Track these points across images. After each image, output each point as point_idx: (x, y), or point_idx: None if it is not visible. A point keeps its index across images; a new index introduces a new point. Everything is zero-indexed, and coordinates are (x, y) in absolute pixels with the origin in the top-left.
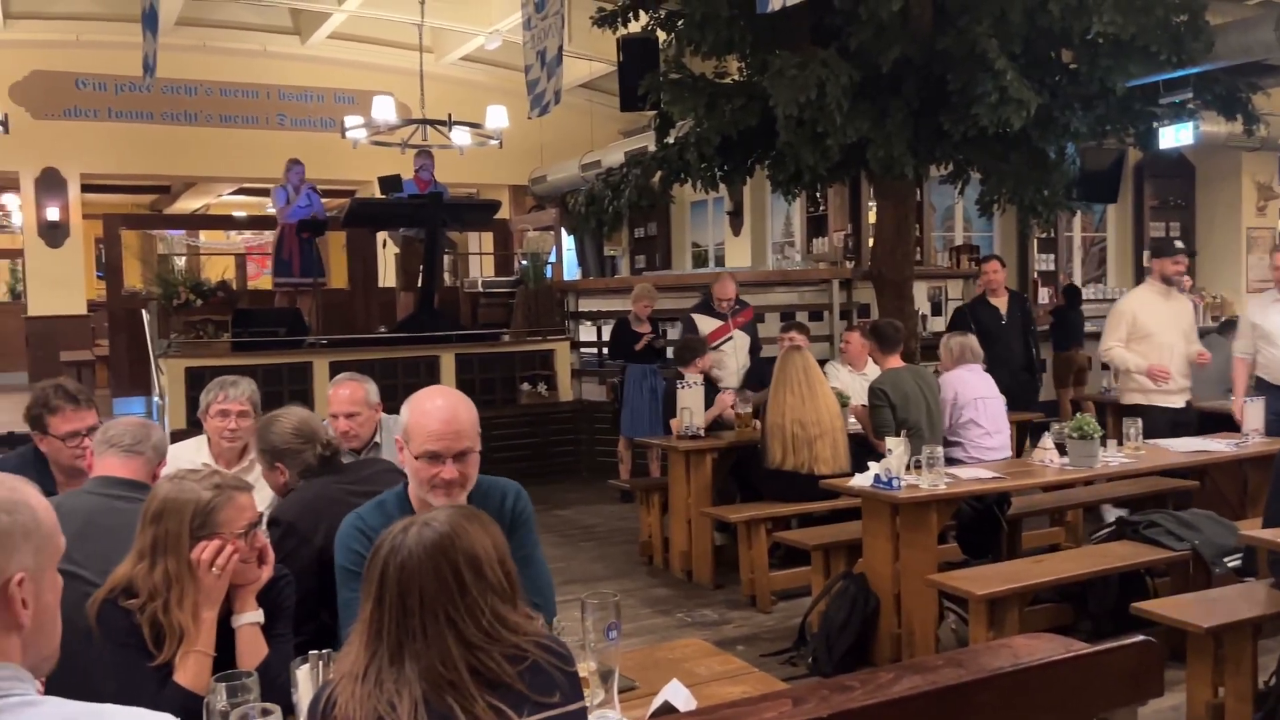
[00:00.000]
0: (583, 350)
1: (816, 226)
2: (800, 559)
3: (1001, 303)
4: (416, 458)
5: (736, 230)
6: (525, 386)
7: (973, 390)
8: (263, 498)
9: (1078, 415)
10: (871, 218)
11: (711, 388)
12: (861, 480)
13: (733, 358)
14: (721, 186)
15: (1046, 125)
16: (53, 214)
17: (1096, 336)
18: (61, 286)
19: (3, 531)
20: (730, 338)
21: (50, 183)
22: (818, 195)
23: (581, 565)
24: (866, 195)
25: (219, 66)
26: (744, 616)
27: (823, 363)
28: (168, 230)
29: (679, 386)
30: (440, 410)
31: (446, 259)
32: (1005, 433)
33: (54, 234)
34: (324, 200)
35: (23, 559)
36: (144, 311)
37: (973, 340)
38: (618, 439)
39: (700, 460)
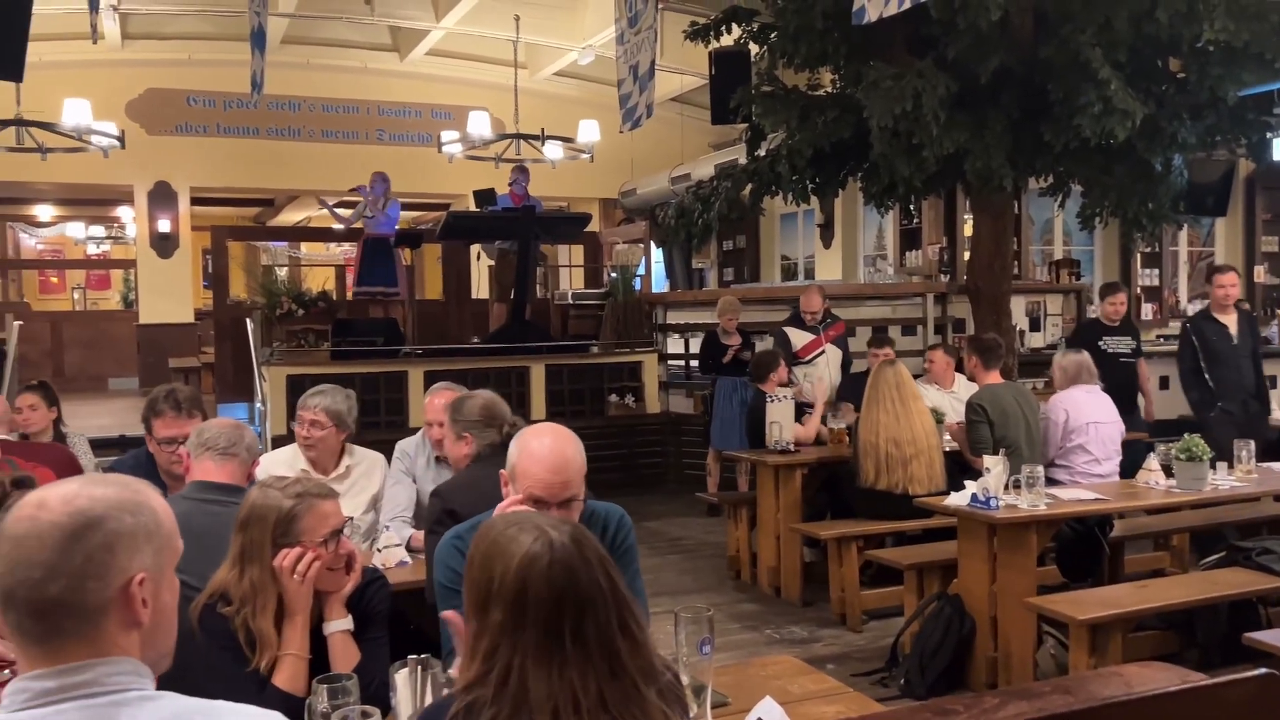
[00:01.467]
0: (670, 363)
1: (910, 239)
2: (892, 578)
3: (1231, 321)
4: (522, 500)
5: (827, 243)
6: (613, 398)
7: (1087, 414)
8: (356, 504)
9: (1186, 436)
10: (967, 230)
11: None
12: (958, 499)
13: (826, 372)
14: (813, 199)
15: (1153, 136)
16: (164, 226)
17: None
18: (171, 296)
19: (126, 532)
20: (822, 352)
21: (162, 196)
22: (911, 208)
23: (668, 578)
24: (962, 208)
25: (321, 83)
26: (834, 635)
27: (917, 378)
28: (271, 242)
29: (768, 401)
30: (549, 456)
31: (537, 271)
32: (1116, 460)
33: (164, 245)
34: (419, 213)
35: (144, 559)
36: (248, 320)
37: (1088, 359)
38: (706, 451)
39: (790, 475)
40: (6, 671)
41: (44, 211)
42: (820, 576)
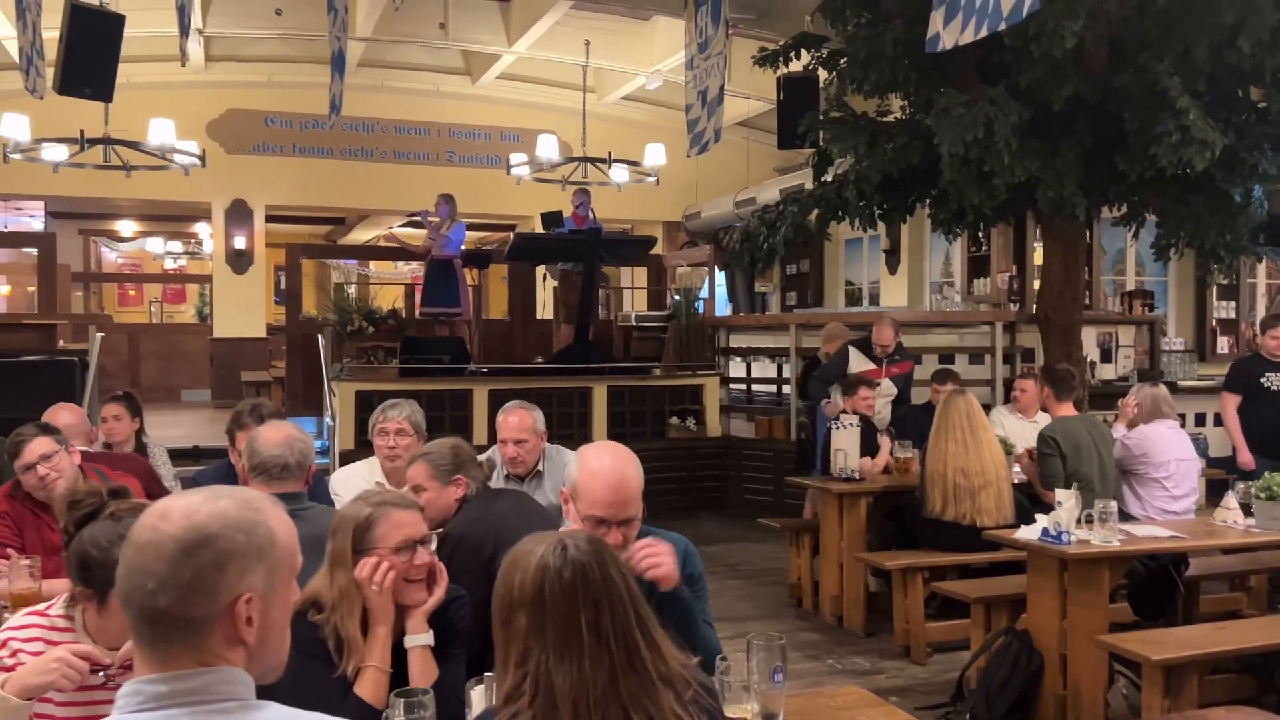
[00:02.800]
0: (732, 386)
1: (978, 267)
2: (958, 611)
3: None
4: (583, 520)
5: (893, 269)
6: (674, 420)
7: (1168, 450)
8: None
9: (1266, 474)
10: (1037, 259)
11: (870, 429)
12: (1028, 533)
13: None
14: (879, 224)
15: (1232, 166)
16: (239, 242)
17: None
18: (244, 310)
19: (238, 551)
20: (877, 384)
21: (238, 213)
22: (980, 235)
23: (728, 604)
24: (1032, 235)
25: (394, 105)
26: (897, 667)
27: (986, 409)
28: (342, 260)
29: (833, 427)
30: (610, 476)
31: (600, 293)
32: (1193, 498)
33: (240, 261)
34: (486, 234)
35: (253, 579)
36: (320, 336)
37: (1165, 392)
38: (767, 476)
39: (854, 503)
40: (101, 674)
41: (126, 227)
42: (884, 607)
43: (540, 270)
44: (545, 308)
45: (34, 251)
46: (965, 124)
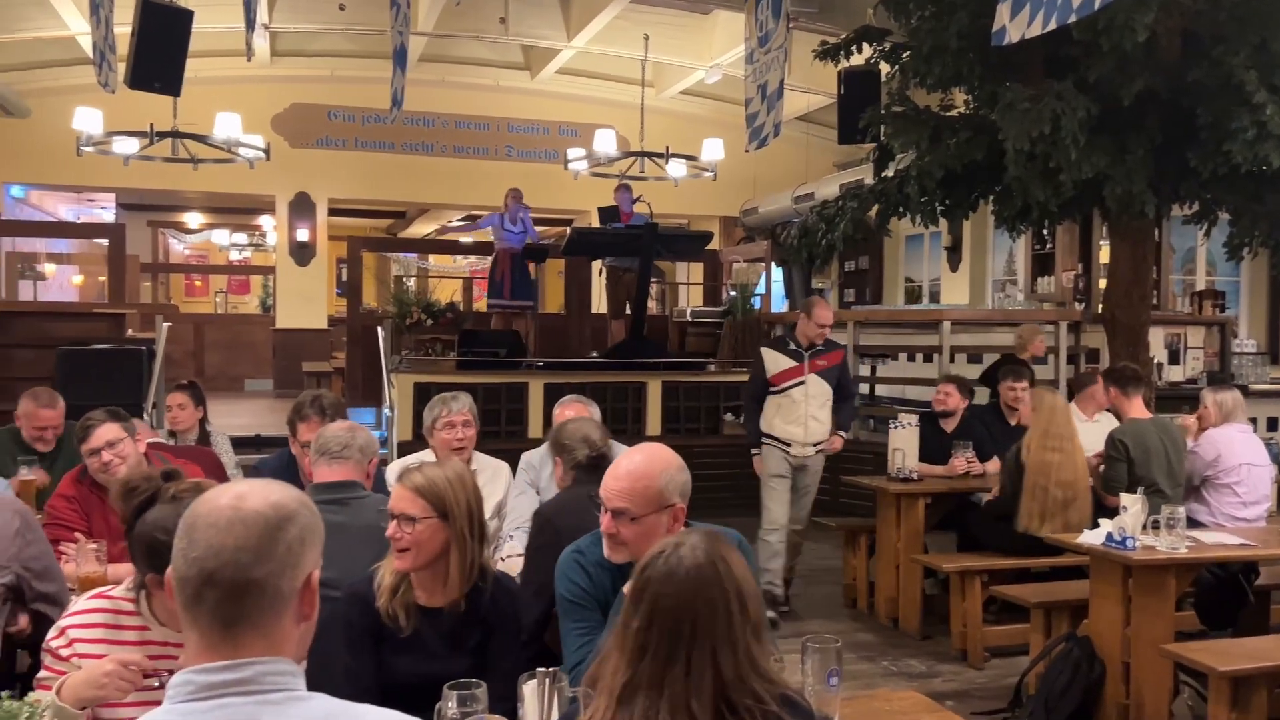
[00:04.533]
0: None
1: (1042, 265)
2: (1017, 615)
3: None
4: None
5: (954, 266)
6: (729, 417)
7: (1240, 454)
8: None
9: None
10: (1104, 257)
11: (934, 428)
12: (1092, 537)
13: (802, 406)
14: (941, 221)
15: None
16: (302, 235)
17: None
18: (306, 302)
19: (311, 529)
20: (801, 382)
21: (301, 206)
22: (1045, 232)
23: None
24: (1099, 233)
25: (455, 100)
26: (954, 671)
27: None
28: (402, 253)
29: (891, 426)
30: (623, 461)
31: (654, 288)
32: (1265, 505)
33: (302, 253)
34: (543, 228)
35: (317, 556)
36: (379, 328)
37: (1240, 394)
38: (823, 473)
39: (912, 504)
40: (155, 681)
41: (192, 219)
42: (940, 610)
43: (597, 265)
44: (601, 302)
45: (105, 242)
46: (1031, 119)
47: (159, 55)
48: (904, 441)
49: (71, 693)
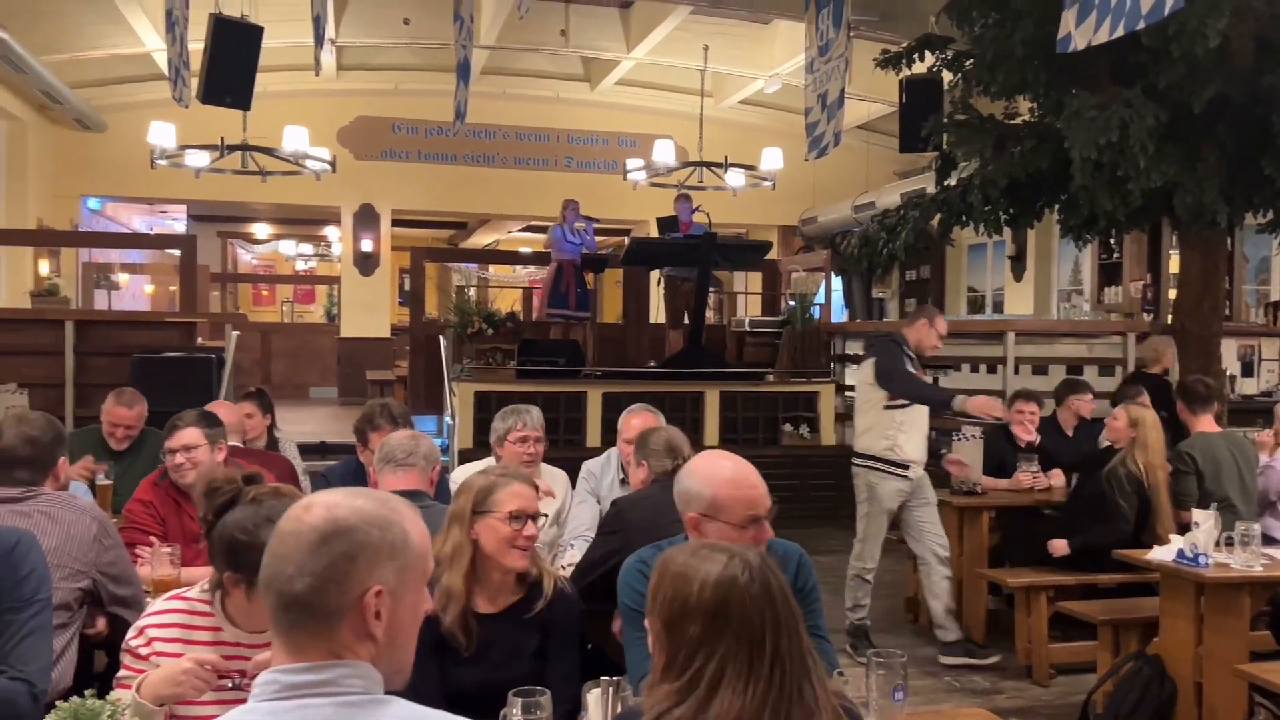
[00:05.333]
0: (848, 394)
1: (1109, 274)
2: (1083, 631)
3: None
4: (742, 526)
5: (1018, 276)
6: (787, 428)
7: None
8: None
9: None
10: (1173, 267)
11: (1006, 442)
12: (1162, 554)
13: (923, 419)
14: (1005, 230)
15: None
16: (366, 245)
17: None
18: (370, 311)
19: (371, 545)
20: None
21: (366, 217)
22: (1112, 242)
23: (842, 616)
24: (1168, 242)
25: (516, 112)
26: (1018, 688)
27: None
28: (463, 263)
29: (954, 439)
30: (745, 473)
31: (711, 297)
32: None
33: (366, 264)
34: (600, 239)
35: (384, 574)
36: (441, 337)
37: None
38: None
39: (975, 518)
40: (229, 682)
41: (260, 230)
42: (1004, 625)
43: (655, 275)
44: (658, 312)
45: (176, 252)
46: (1098, 127)
47: (230, 70)
48: (968, 454)
49: (150, 691)
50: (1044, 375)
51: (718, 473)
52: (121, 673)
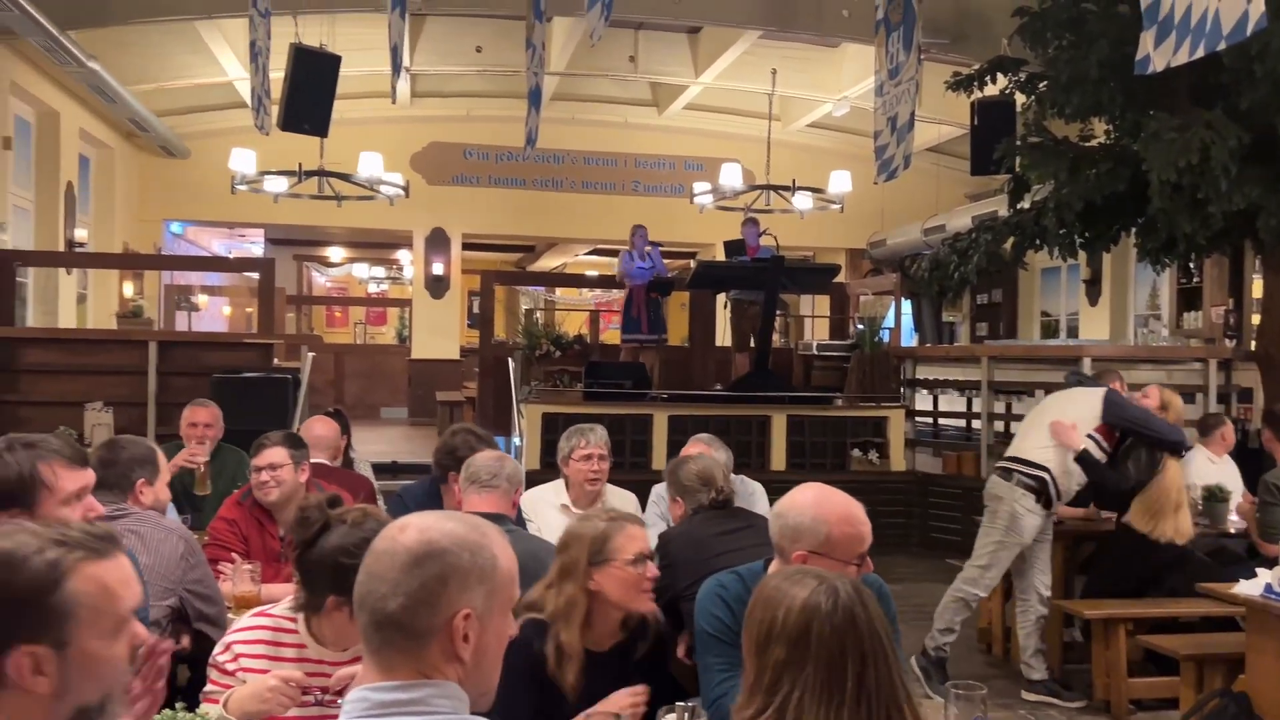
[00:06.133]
0: (918, 419)
1: (1189, 299)
2: (1165, 666)
3: None
4: (849, 564)
5: (1093, 300)
6: (856, 453)
7: None
8: None
9: None
10: (1257, 291)
11: None
12: (1249, 588)
13: None
14: (1080, 254)
15: None
16: (438, 269)
17: None
18: (440, 333)
19: (462, 569)
20: None
21: (437, 241)
22: (1192, 265)
23: (914, 647)
24: (1251, 266)
25: (584, 137)
26: None
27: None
28: (530, 286)
29: None
30: (855, 509)
31: (778, 320)
32: None
33: (437, 286)
34: (666, 261)
35: (473, 598)
36: (509, 359)
37: None
38: (956, 514)
39: (1054, 548)
40: (312, 697)
41: (335, 253)
42: (1081, 658)
43: (721, 298)
44: (725, 335)
45: (254, 275)
46: (1178, 149)
47: (309, 99)
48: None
49: (237, 706)
50: None
51: (831, 509)
52: (209, 687)
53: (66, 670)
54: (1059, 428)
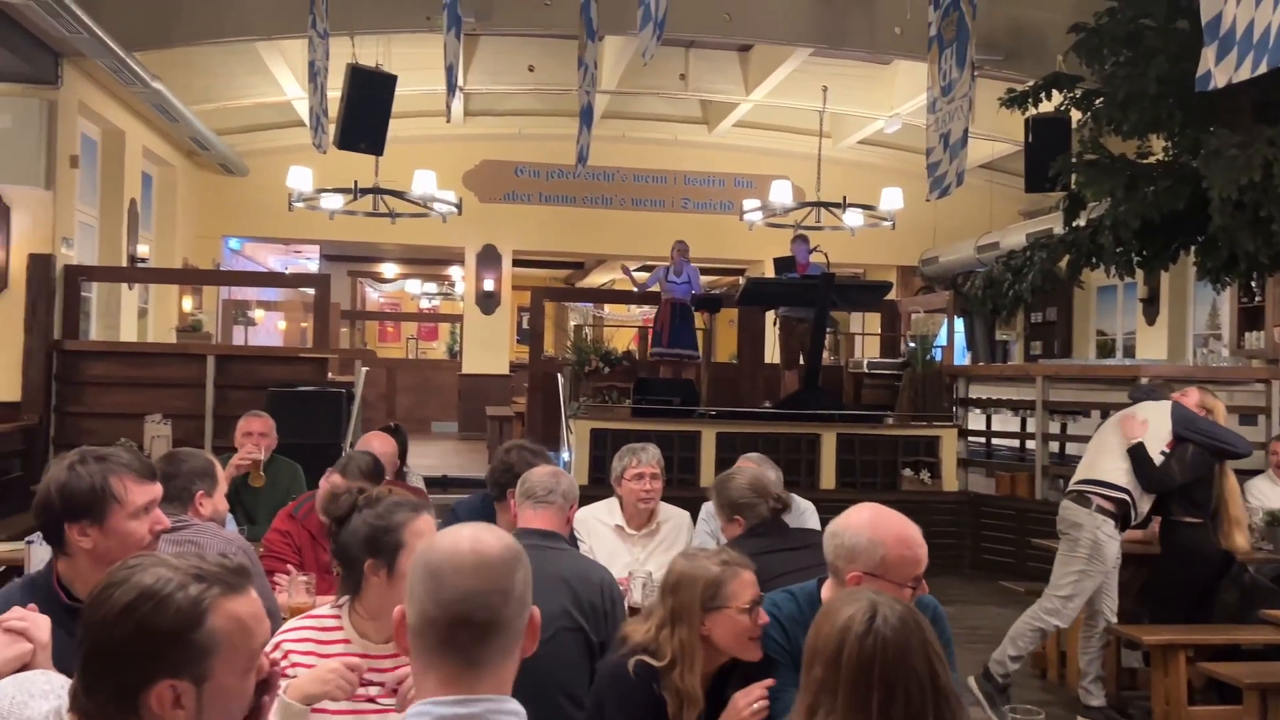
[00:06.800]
0: (970, 439)
1: (1250, 318)
2: (1227, 695)
3: None
4: (904, 586)
5: (1150, 319)
6: (907, 472)
7: None
8: (664, 560)
9: None
10: None
11: None
12: None
13: None
14: (1138, 272)
15: None
16: (488, 285)
17: None
18: (490, 349)
19: (529, 568)
20: None
21: (488, 258)
22: (1253, 284)
23: (966, 670)
24: None
25: (634, 154)
26: None
27: (1255, 473)
28: (579, 302)
29: None
30: (912, 531)
31: (828, 338)
32: None
33: (488, 302)
34: (714, 278)
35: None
36: (559, 375)
37: None
38: (1010, 535)
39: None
40: (374, 689)
41: (388, 269)
42: (1138, 684)
43: (770, 315)
44: (774, 352)
45: (309, 291)
46: (1240, 166)
47: (365, 118)
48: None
49: (298, 691)
50: None
51: (888, 530)
52: None
53: (202, 703)
54: (1130, 423)
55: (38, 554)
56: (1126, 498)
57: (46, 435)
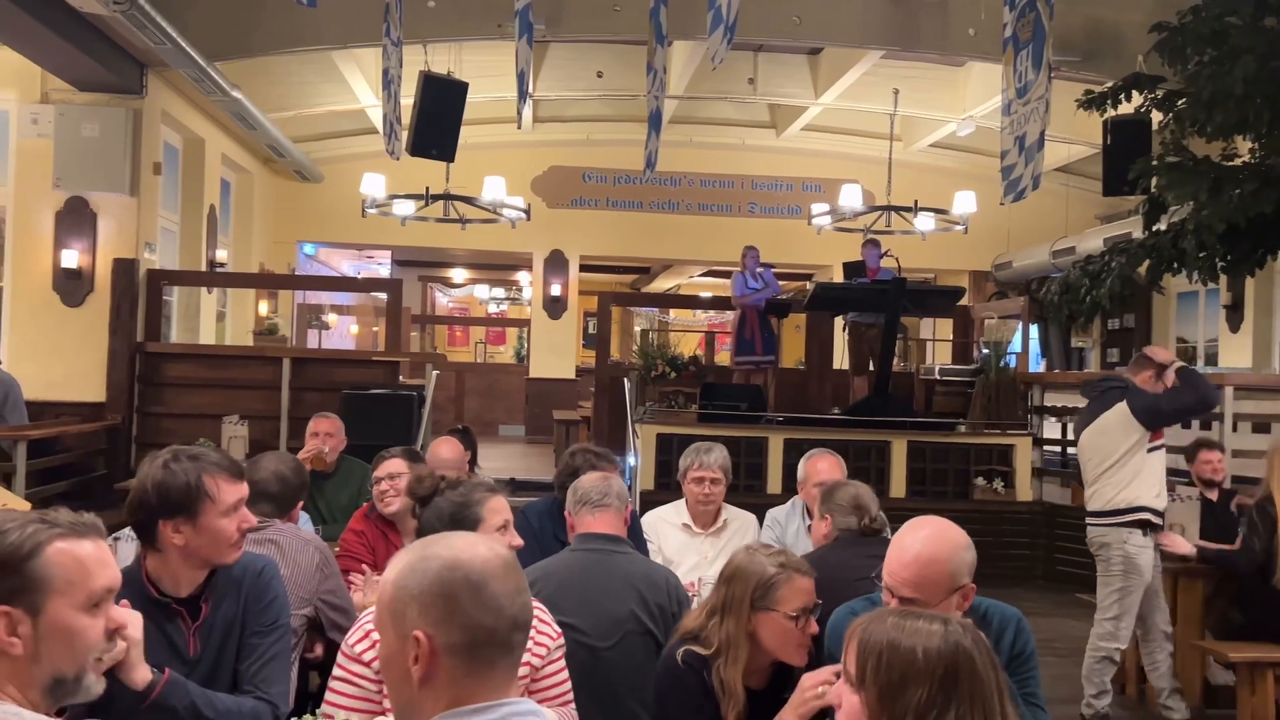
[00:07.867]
0: (1046, 448)
1: None
2: None
3: None
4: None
5: (1234, 327)
6: (980, 481)
7: None
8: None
9: None
10: None
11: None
12: None
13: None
14: (1221, 278)
15: None
16: (555, 290)
17: None
18: (557, 353)
19: None
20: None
21: (555, 263)
22: None
23: (1044, 684)
24: None
25: (701, 159)
26: None
27: None
28: (645, 307)
29: (1169, 499)
30: (909, 546)
31: (898, 343)
32: None
33: (555, 307)
34: (783, 283)
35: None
36: (625, 380)
37: None
38: (1081, 546)
39: (1190, 585)
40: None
41: (458, 274)
42: (1223, 702)
43: (839, 320)
44: (842, 358)
45: (381, 295)
46: None
47: (437, 125)
48: (1184, 516)
49: None
50: (1265, 433)
51: (904, 531)
52: (337, 672)
53: (40, 636)
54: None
55: (124, 550)
56: (1145, 515)
57: (129, 435)
